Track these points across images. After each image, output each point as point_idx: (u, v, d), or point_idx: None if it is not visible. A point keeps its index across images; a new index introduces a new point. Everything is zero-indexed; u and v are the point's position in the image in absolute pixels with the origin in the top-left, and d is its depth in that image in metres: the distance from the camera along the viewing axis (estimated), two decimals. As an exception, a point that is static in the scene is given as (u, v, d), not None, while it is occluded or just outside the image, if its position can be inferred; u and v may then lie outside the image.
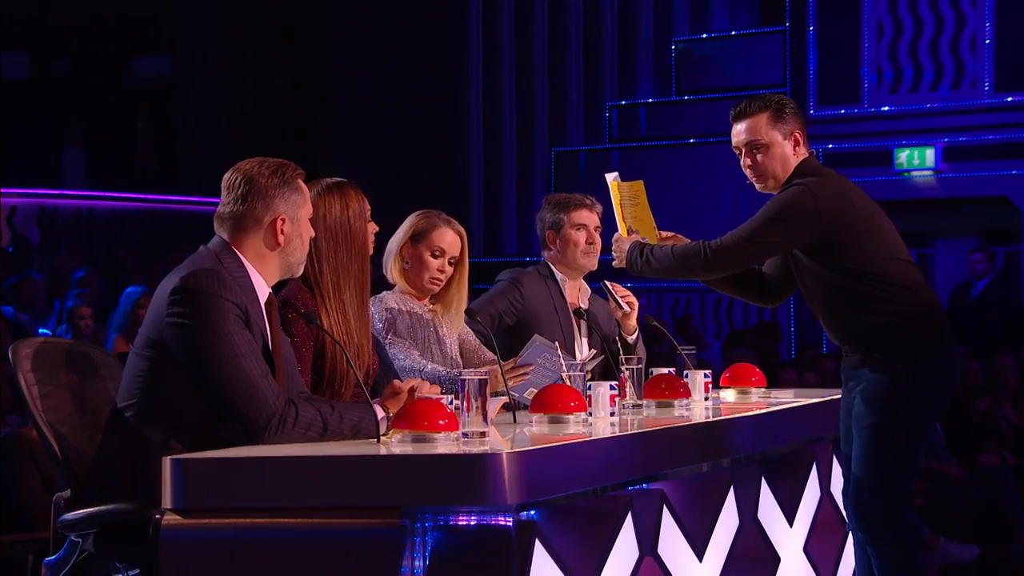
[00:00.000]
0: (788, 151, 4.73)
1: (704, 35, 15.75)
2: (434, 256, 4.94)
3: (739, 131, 4.77)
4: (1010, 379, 9.12)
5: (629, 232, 4.95)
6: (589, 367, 4.59)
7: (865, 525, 4.72)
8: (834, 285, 4.70)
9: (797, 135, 4.74)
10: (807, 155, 4.78)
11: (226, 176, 3.89)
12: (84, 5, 17.58)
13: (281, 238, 3.87)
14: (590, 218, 5.54)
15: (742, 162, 4.79)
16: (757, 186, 4.79)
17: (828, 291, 4.73)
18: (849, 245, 4.65)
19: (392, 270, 4.99)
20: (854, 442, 4.73)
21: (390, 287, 5.03)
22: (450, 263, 4.96)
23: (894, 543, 4.70)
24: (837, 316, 4.75)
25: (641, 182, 4.97)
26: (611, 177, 5.01)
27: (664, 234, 4.96)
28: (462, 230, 5.02)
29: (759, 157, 4.74)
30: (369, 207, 4.57)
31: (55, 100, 17.26)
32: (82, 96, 17.45)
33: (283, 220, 3.86)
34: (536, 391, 4.38)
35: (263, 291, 3.86)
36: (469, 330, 5.07)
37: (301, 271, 3.99)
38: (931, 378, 4.69)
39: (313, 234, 3.99)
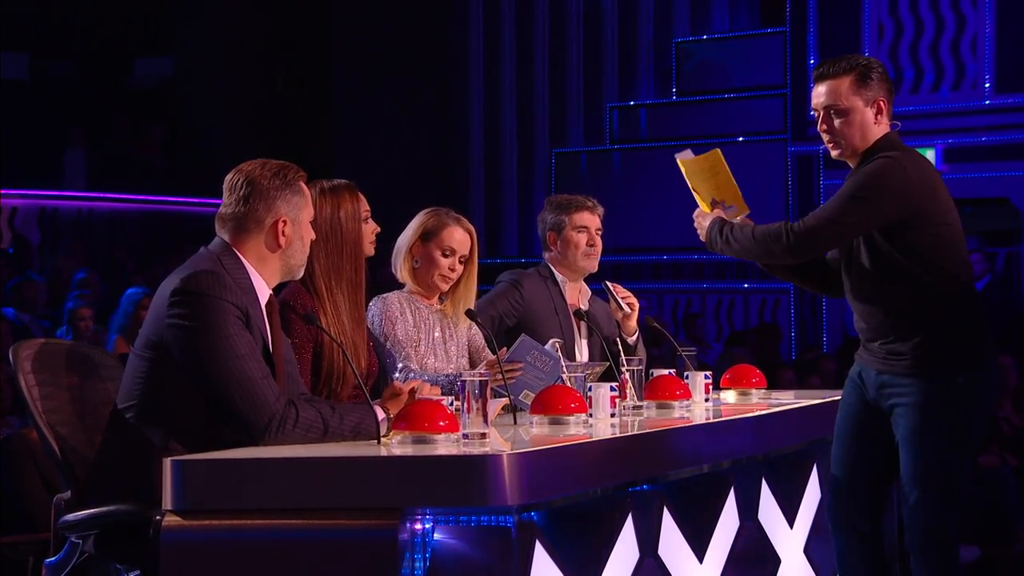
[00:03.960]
0: (869, 119, 4.42)
1: (704, 36, 15.75)
2: (444, 255, 4.94)
3: (819, 93, 4.46)
4: (1010, 380, 9.10)
5: (712, 206, 4.66)
6: (589, 372, 4.58)
7: (918, 546, 4.41)
8: (903, 273, 4.36)
9: (881, 102, 4.44)
10: (889, 129, 4.48)
11: (228, 177, 3.90)
12: (85, 6, 17.57)
13: (282, 240, 3.88)
14: (591, 220, 5.54)
15: (818, 126, 4.49)
16: (832, 153, 4.50)
17: (894, 278, 4.38)
18: (929, 231, 4.35)
19: (402, 269, 5.00)
20: (906, 459, 4.39)
21: (399, 287, 5.04)
22: (460, 261, 4.96)
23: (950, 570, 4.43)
24: (895, 309, 4.39)
25: (717, 150, 4.70)
26: (680, 156, 4.73)
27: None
28: (472, 228, 5.02)
29: (837, 123, 4.44)
30: (367, 208, 4.57)
31: (56, 101, 17.26)
32: (83, 97, 17.44)
33: (284, 222, 3.87)
34: (530, 393, 4.39)
35: (264, 292, 3.87)
36: (478, 331, 5.07)
37: (302, 273, 4.00)
38: (985, 393, 4.42)
39: (314, 236, 3.99)
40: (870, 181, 4.34)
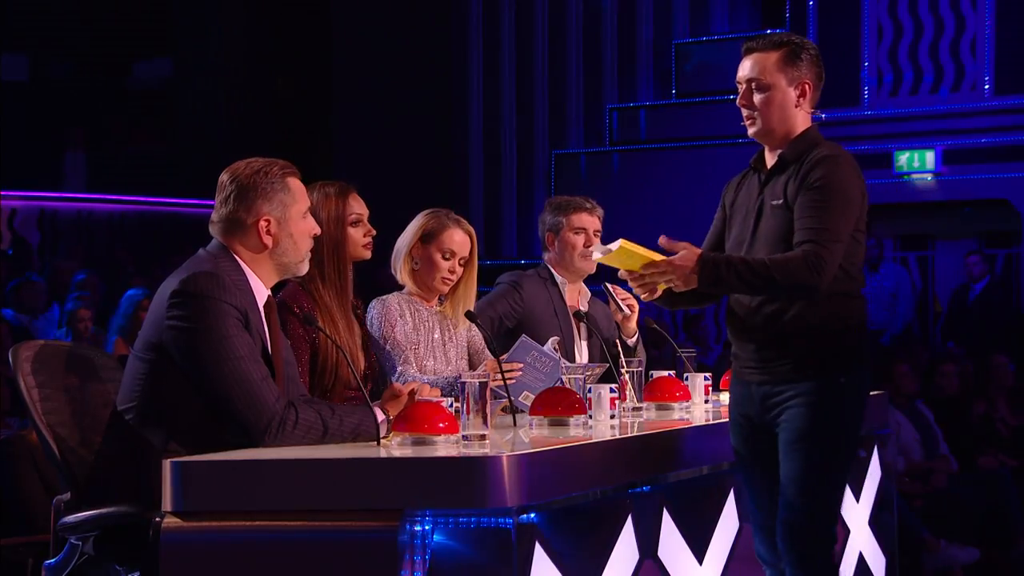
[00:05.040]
0: (790, 100, 4.18)
1: (704, 37, 15.75)
2: (444, 258, 4.93)
3: (744, 66, 4.23)
4: (1006, 380, 9.07)
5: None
6: (589, 374, 4.57)
7: (798, 558, 4.10)
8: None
9: (807, 85, 4.20)
10: (811, 120, 4.25)
11: (219, 179, 3.89)
12: (85, 7, 17.58)
13: (267, 239, 3.83)
14: (590, 222, 5.54)
15: (738, 100, 4.24)
16: (749, 130, 4.21)
17: None
18: (856, 232, 4.12)
19: (402, 271, 4.99)
20: (790, 464, 4.10)
21: (399, 288, 5.03)
22: (460, 263, 4.96)
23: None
24: (794, 310, 4.07)
25: (616, 245, 4.09)
26: (599, 257, 4.16)
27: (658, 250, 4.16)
28: (471, 230, 5.02)
29: (757, 98, 4.19)
30: (360, 211, 4.54)
31: (56, 103, 17.27)
32: (83, 99, 17.45)
33: (267, 221, 3.83)
34: (530, 394, 4.39)
35: (262, 293, 3.85)
36: (477, 332, 5.07)
37: (304, 268, 3.96)
38: (863, 393, 4.19)
39: (316, 231, 3.95)
40: (840, 184, 4.06)
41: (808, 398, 4.08)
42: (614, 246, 4.06)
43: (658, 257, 4.10)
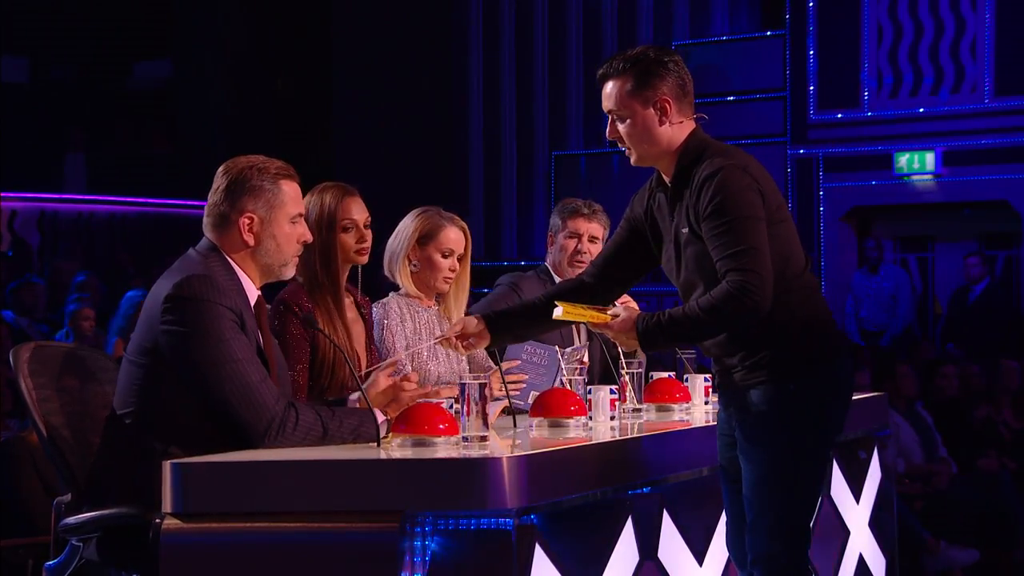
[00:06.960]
0: (651, 122, 4.00)
1: (704, 39, 15.75)
2: (444, 256, 4.93)
3: (603, 95, 4.07)
4: (1011, 384, 9.06)
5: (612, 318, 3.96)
6: (580, 355, 4.53)
7: (755, 559, 3.95)
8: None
9: (666, 102, 4.00)
10: (692, 124, 4.08)
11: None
12: (85, 9, 17.59)
13: (248, 237, 3.80)
14: (586, 227, 5.53)
15: (607, 134, 4.11)
16: (631, 160, 4.06)
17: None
18: (771, 230, 3.88)
19: (400, 274, 4.96)
20: (744, 479, 3.98)
21: (394, 287, 5.02)
22: (457, 260, 4.97)
23: None
24: None
25: (558, 311, 3.98)
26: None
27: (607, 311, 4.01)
28: (464, 225, 5.02)
29: (621, 128, 4.03)
30: (357, 216, 4.50)
31: (56, 104, 17.28)
32: (83, 100, 17.46)
33: (250, 219, 3.79)
34: (535, 392, 4.38)
35: (252, 293, 3.82)
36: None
37: (288, 273, 3.92)
38: (824, 398, 3.94)
39: (307, 238, 3.91)
40: (731, 199, 3.84)
41: (755, 408, 3.93)
42: (558, 312, 3.97)
43: (600, 316, 3.98)
